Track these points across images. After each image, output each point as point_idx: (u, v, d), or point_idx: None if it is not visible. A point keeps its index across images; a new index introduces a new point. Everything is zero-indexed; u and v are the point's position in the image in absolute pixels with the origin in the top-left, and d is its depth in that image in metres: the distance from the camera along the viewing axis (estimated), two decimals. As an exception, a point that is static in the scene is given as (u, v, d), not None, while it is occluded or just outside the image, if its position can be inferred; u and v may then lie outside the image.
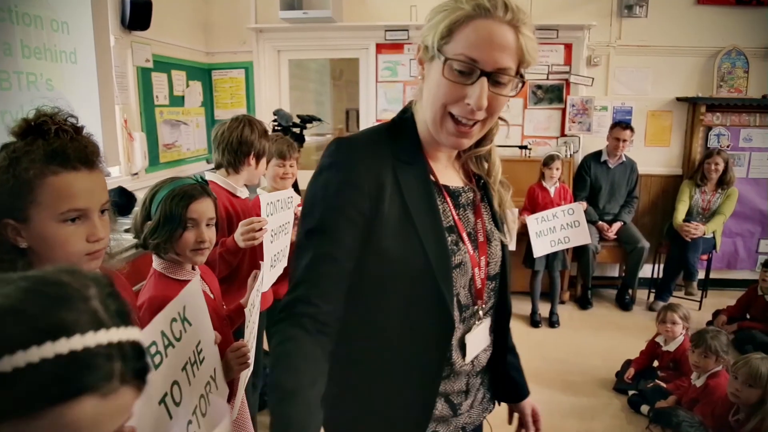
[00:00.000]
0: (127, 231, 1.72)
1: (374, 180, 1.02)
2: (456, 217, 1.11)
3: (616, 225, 4.50)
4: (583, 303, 4.56)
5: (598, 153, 4.60)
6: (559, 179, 4.26)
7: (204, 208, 1.54)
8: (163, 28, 4.06)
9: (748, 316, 3.93)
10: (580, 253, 4.41)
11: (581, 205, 4.14)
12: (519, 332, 4.04)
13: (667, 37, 4.68)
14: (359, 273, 1.02)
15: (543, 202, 4.20)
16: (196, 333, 1.28)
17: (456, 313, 1.08)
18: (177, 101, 4.45)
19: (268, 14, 4.77)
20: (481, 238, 1.15)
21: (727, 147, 4.76)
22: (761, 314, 3.80)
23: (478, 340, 1.17)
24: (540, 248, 4.07)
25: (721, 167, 4.40)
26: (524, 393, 1.41)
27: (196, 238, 1.52)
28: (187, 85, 4.61)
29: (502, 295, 1.22)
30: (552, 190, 4.26)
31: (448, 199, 1.11)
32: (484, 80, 0.97)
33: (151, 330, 1.12)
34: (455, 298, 1.08)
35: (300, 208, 2.40)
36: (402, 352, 1.08)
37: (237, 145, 2.10)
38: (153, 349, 1.10)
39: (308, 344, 0.94)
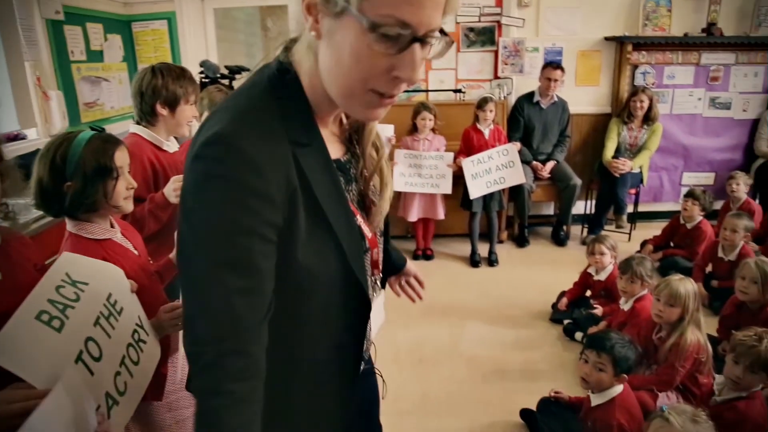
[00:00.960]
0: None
1: (284, 182, 0.82)
2: (351, 198, 0.98)
3: (550, 164, 4.62)
4: (521, 241, 4.71)
5: (531, 94, 4.67)
6: (493, 121, 4.31)
7: (125, 155, 1.49)
8: (72, -24, 3.79)
9: (671, 245, 4.16)
10: (515, 193, 4.52)
11: (515, 146, 4.22)
12: (460, 273, 4.19)
13: (594, -24, 4.72)
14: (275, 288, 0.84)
15: (478, 144, 4.25)
16: (100, 288, 1.25)
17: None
18: (95, 56, 4.19)
19: (188, -40, 4.50)
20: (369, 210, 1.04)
21: (653, 85, 4.92)
22: (683, 241, 4.02)
23: (377, 312, 1.15)
24: (476, 190, 4.14)
25: (645, 104, 4.55)
26: (403, 262, 1.42)
27: (127, 186, 1.48)
28: (105, 39, 4.34)
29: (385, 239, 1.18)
30: (486, 132, 4.31)
31: (342, 178, 0.96)
32: (416, 47, 0.79)
33: (34, 301, 1.09)
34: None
35: None
36: (323, 346, 0.98)
37: (143, 93, 1.99)
38: (45, 317, 1.08)
39: (257, 400, 0.80)
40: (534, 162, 4.62)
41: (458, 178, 4.17)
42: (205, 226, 0.79)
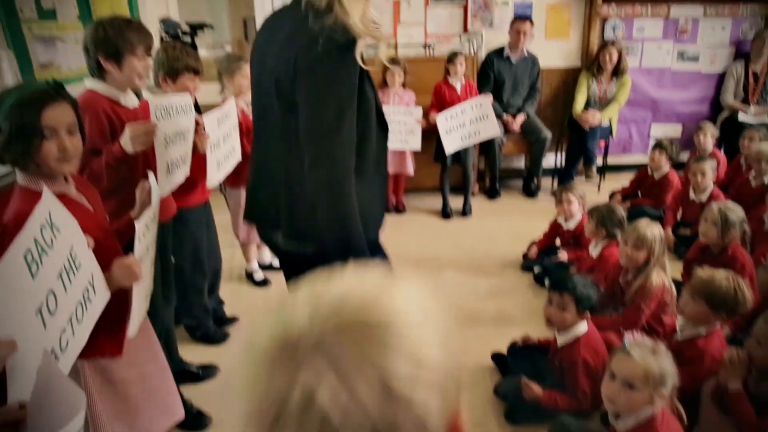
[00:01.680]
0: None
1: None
2: None
3: (520, 117, 4.60)
4: (492, 194, 4.74)
5: (501, 49, 4.62)
6: (464, 75, 4.25)
7: (60, 114, 1.35)
8: (17, -74, 3.58)
9: (639, 195, 4.22)
10: (486, 146, 4.52)
11: (488, 97, 4.18)
12: (432, 225, 4.20)
13: (563, -75, 4.65)
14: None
15: (450, 99, 4.21)
16: (67, 238, 1.22)
17: None
18: (47, 15, 3.99)
19: None
20: None
21: (622, 38, 4.92)
22: (651, 192, 4.08)
23: None
24: (451, 145, 4.12)
25: (614, 57, 4.55)
26: None
27: (59, 148, 1.35)
28: (58, -5, 4.14)
29: None
30: (458, 87, 4.27)
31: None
32: None
33: (24, 238, 1.06)
34: None
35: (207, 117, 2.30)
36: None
37: (87, 48, 1.89)
38: (29, 257, 1.06)
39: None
40: (505, 116, 4.60)
41: (429, 133, 4.13)
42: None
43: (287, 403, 0.47)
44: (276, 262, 3.51)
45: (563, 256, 3.27)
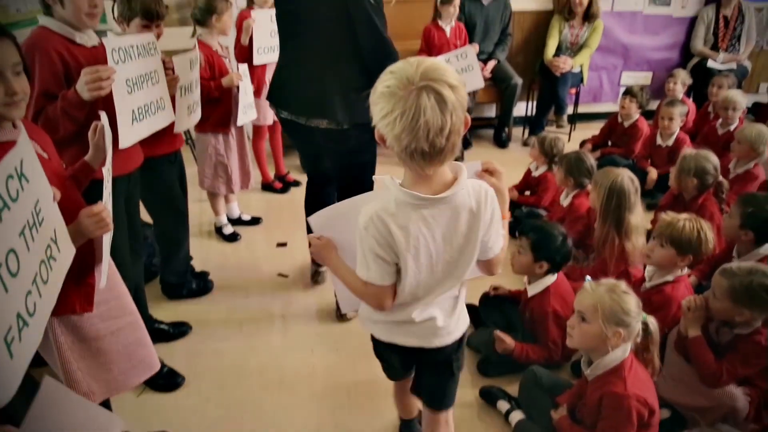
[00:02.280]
0: None
1: None
2: None
3: (491, 63, 4.53)
4: (463, 144, 4.70)
5: None
6: (454, 17, 4.16)
7: (4, 52, 1.23)
8: None
9: (609, 144, 4.24)
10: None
11: (474, 48, 4.08)
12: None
13: None
14: None
15: (439, 43, 4.11)
16: (34, 190, 1.12)
17: None
18: (-11, -53, 3.69)
19: None
20: None
21: (595, -21, 4.82)
22: (620, 140, 4.11)
23: None
24: None
25: (585, 0, 4.47)
26: None
27: (6, 91, 1.24)
28: (-1, -74, 3.82)
29: None
30: (448, 30, 4.17)
31: None
32: None
33: None
34: None
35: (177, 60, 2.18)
36: None
37: None
38: None
39: None
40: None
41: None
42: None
43: (409, 100, 1.08)
44: (245, 216, 3.44)
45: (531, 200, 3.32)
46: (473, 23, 4.46)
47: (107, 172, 1.50)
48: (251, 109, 3.10)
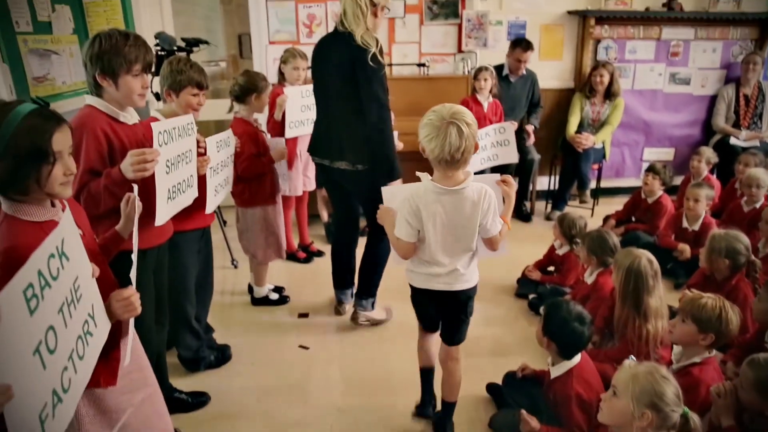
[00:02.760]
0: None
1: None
2: None
3: (530, 128, 4.63)
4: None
5: (500, 66, 4.63)
6: (491, 93, 4.28)
7: (66, 137, 1.32)
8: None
9: (633, 219, 4.23)
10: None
11: (512, 125, 4.18)
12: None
13: (559, -52, 4.70)
14: None
15: (477, 117, 4.18)
16: (74, 267, 1.17)
17: None
18: (43, 28, 3.97)
19: (140, -75, 4.29)
20: None
21: (615, 59, 4.97)
22: (644, 216, 4.09)
23: None
24: (470, 166, 4.12)
25: (606, 79, 4.58)
26: None
27: (65, 171, 1.32)
28: (53, 10, 4.11)
29: None
30: (485, 105, 4.28)
31: None
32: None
33: (27, 271, 0.99)
34: None
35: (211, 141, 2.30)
36: None
37: (86, 64, 1.85)
38: (29, 293, 0.99)
39: None
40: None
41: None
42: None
43: (442, 128, 1.80)
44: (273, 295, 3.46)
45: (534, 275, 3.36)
46: (499, 99, 4.57)
47: (136, 254, 1.52)
48: (285, 180, 3.24)
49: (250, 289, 3.43)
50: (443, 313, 2.18)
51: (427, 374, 2.39)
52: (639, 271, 2.37)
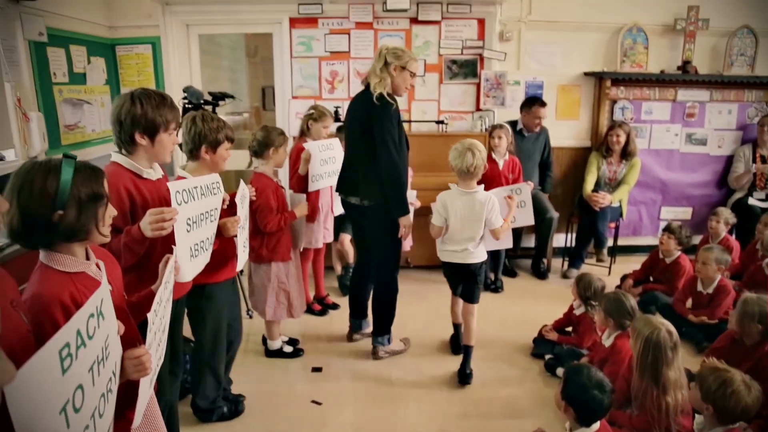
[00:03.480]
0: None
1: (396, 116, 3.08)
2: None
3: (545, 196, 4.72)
4: (509, 273, 4.73)
5: (514, 122, 4.71)
6: (508, 150, 4.34)
7: (107, 183, 1.45)
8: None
9: (651, 279, 4.19)
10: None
11: (529, 186, 4.22)
12: (440, 305, 4.13)
13: (574, 13, 4.85)
14: None
15: (492, 175, 4.26)
16: (106, 327, 1.19)
17: None
18: (78, 79, 4.15)
19: (175, -14, 4.52)
20: None
21: (631, 120, 5.03)
22: (663, 276, 4.06)
23: None
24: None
25: (622, 139, 4.63)
26: None
27: (110, 213, 1.46)
28: (89, 62, 4.31)
29: None
30: (501, 163, 4.33)
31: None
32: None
33: (67, 331, 1.02)
34: None
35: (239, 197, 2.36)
36: None
37: (121, 122, 1.92)
38: (65, 352, 1.01)
39: None
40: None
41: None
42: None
43: (462, 152, 2.94)
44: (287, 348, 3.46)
45: (551, 335, 3.39)
46: (514, 154, 4.63)
47: (151, 315, 1.51)
48: (301, 236, 3.28)
49: (264, 341, 3.42)
50: (462, 279, 3.17)
51: (456, 327, 3.46)
52: (658, 343, 2.32)
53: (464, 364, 3.13)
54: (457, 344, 3.38)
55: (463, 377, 3.09)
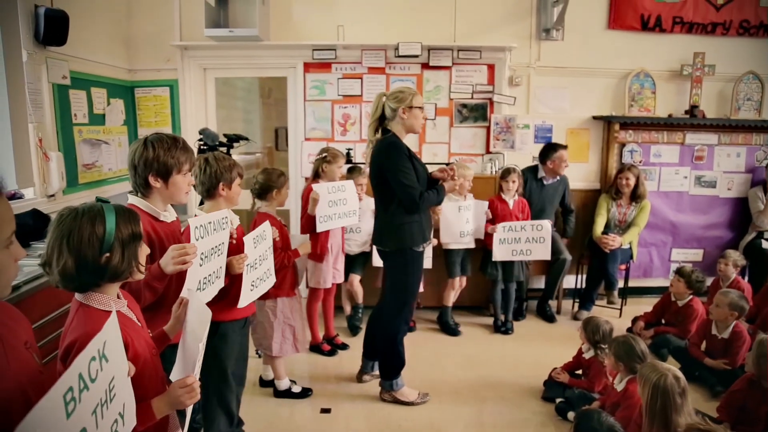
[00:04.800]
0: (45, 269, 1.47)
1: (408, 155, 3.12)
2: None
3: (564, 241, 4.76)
4: (516, 315, 4.70)
5: (535, 167, 4.74)
6: (516, 192, 4.42)
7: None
8: (81, 44, 3.92)
9: (663, 321, 4.15)
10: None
11: (549, 223, 4.29)
12: (446, 346, 4.11)
13: (582, 60, 4.96)
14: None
15: (502, 214, 4.34)
16: (111, 369, 1.21)
17: None
18: (97, 120, 4.27)
19: (193, 31, 4.68)
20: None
21: (640, 162, 5.07)
22: (675, 318, 4.01)
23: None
24: (500, 254, 4.26)
25: (632, 182, 4.66)
26: None
27: (144, 251, 1.54)
28: (108, 103, 4.44)
29: None
30: (511, 203, 4.41)
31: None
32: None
33: (69, 375, 1.04)
34: None
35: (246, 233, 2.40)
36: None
37: (135, 166, 2.00)
38: (68, 396, 1.02)
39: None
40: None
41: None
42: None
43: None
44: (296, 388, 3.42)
45: (562, 377, 3.31)
46: (532, 200, 4.64)
47: (203, 344, 1.59)
48: (302, 274, 3.32)
49: (262, 382, 3.43)
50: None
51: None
52: (666, 390, 2.29)
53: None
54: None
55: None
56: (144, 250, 1.52)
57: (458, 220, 4.25)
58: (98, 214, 1.40)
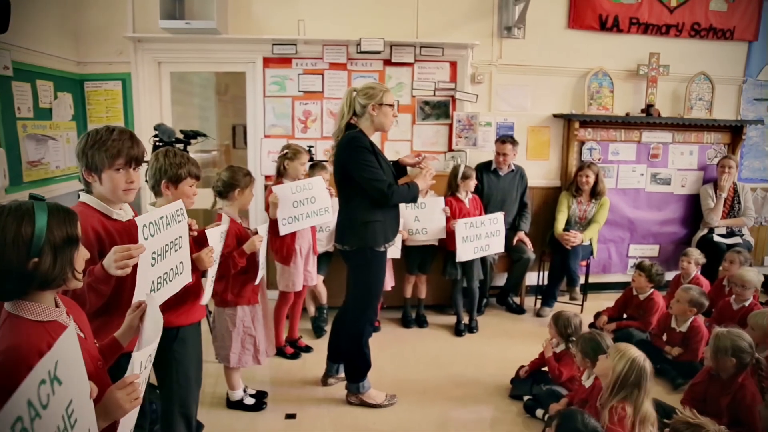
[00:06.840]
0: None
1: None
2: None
3: (521, 234, 4.71)
4: (478, 310, 4.67)
5: (489, 162, 4.78)
6: (469, 190, 4.44)
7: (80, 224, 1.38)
8: (25, 33, 3.69)
9: (625, 316, 4.22)
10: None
11: (502, 215, 4.30)
12: (414, 345, 4.08)
13: (543, 58, 5.00)
14: None
15: (460, 213, 4.32)
16: (68, 392, 1.09)
17: None
18: (44, 114, 4.04)
19: (148, 23, 4.49)
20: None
21: (599, 160, 5.15)
22: (636, 312, 4.09)
23: None
24: (464, 254, 4.19)
25: (591, 179, 4.73)
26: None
27: (84, 256, 1.38)
28: (56, 97, 4.21)
29: None
30: (467, 201, 4.41)
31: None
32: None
33: (14, 403, 0.93)
34: None
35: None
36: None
37: (78, 160, 1.85)
38: (18, 427, 0.92)
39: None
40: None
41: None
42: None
43: None
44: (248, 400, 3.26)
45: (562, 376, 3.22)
46: (490, 194, 4.67)
47: (146, 353, 1.47)
48: (263, 267, 3.09)
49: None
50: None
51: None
52: (642, 369, 2.33)
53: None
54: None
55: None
56: (82, 255, 1.36)
57: (408, 218, 4.23)
58: (26, 213, 1.24)
